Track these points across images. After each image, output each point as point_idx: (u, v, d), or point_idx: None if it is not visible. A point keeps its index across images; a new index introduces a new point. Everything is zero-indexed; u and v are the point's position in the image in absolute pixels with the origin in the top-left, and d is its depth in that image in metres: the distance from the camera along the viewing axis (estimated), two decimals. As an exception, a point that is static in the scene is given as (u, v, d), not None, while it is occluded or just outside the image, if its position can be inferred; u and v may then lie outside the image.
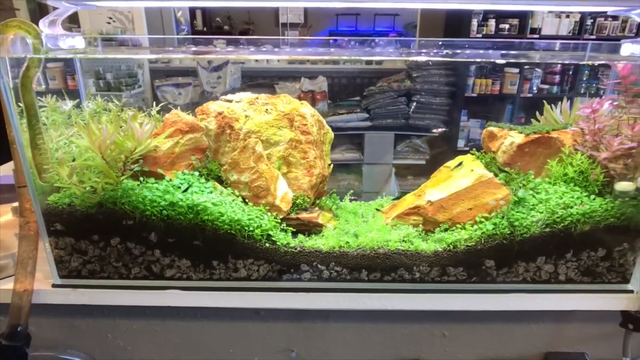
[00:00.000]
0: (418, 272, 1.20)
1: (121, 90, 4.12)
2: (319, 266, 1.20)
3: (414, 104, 3.94)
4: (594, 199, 1.16)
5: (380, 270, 1.21)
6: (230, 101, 1.23)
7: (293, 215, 1.20)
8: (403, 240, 1.20)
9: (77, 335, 1.39)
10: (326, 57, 1.15)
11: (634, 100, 1.14)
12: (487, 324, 1.37)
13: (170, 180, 1.14)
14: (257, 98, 1.22)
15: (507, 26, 4.88)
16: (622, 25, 5.08)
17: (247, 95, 1.24)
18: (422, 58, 1.11)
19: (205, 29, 9.03)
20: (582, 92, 4.58)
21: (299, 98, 4.01)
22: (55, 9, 1.16)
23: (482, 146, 1.37)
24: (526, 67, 4.45)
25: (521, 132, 1.23)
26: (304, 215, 1.20)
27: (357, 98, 4.17)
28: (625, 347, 1.26)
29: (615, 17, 5.04)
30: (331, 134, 1.30)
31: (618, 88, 1.15)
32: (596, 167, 1.16)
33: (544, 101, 1.35)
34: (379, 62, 4.45)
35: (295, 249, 1.18)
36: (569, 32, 4.72)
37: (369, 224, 1.27)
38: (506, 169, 1.24)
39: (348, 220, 1.30)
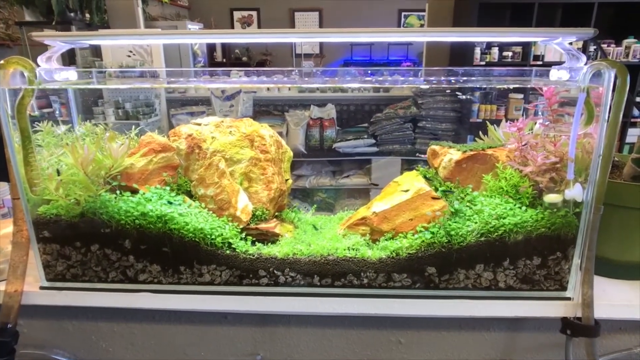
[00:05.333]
0: (365, 278, 1.31)
1: (139, 118, 4.39)
2: (275, 272, 1.32)
3: (420, 129, 4.01)
4: (526, 210, 1.26)
5: (330, 276, 1.32)
6: (199, 124, 1.40)
7: (252, 226, 1.33)
8: (351, 248, 1.31)
9: (64, 336, 1.53)
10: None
11: (558, 119, 1.25)
12: (441, 331, 1.46)
13: (144, 193, 1.30)
14: (222, 122, 1.38)
15: (510, 54, 5.00)
16: (625, 52, 5.16)
17: (213, 120, 1.40)
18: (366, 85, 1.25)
19: (224, 59, 9.49)
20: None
21: (308, 125, 4.23)
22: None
23: (428, 163, 1.49)
24: (530, 93, 4.54)
25: (459, 150, 1.35)
26: (262, 225, 1.34)
27: (365, 125, 4.28)
28: (567, 353, 1.32)
29: (618, 44, 5.13)
30: (289, 153, 1.45)
31: (544, 109, 1.26)
32: (525, 181, 1.26)
33: (487, 122, 1.46)
34: (386, 90, 4.60)
35: (253, 255, 1.31)
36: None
37: (323, 233, 1.39)
38: (447, 183, 1.36)
39: (306, 231, 1.43)
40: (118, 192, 1.30)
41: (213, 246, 1.30)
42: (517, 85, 1.21)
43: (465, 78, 1.32)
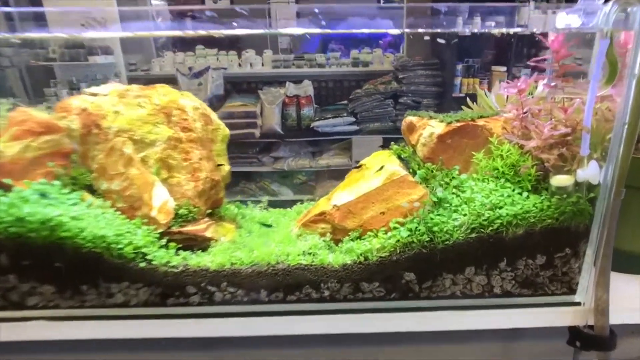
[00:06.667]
0: (327, 289, 1.02)
1: (96, 100, 3.92)
2: (209, 287, 1.01)
3: (402, 105, 3.80)
4: (528, 197, 0.98)
5: (282, 289, 1.02)
6: (95, 94, 1.04)
7: (175, 229, 1.01)
8: (307, 253, 1.01)
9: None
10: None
11: (569, 78, 0.96)
12: (425, 346, 1.19)
13: (21, 191, 0.95)
14: (128, 90, 1.03)
15: (493, 23, 4.74)
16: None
17: (115, 87, 1.05)
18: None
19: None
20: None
21: (284, 103, 3.90)
22: None
23: (404, 139, 1.19)
24: (515, 65, 4.33)
25: (442, 121, 1.05)
26: (189, 228, 1.02)
27: (344, 102, 4.05)
28: (575, 369, 1.08)
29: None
30: (224, 131, 1.12)
31: (550, 66, 0.97)
32: (528, 159, 0.98)
33: (477, 87, 1.17)
34: (366, 64, 4.35)
35: (177, 268, 0.99)
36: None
37: (272, 234, 1.08)
38: (427, 164, 1.06)
39: (252, 232, 1.12)
40: (-17, 190, 0.94)
41: (122, 258, 0.97)
42: (517, 30, 0.91)
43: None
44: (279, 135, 3.69)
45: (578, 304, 1.05)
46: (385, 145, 3.86)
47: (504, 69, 4.20)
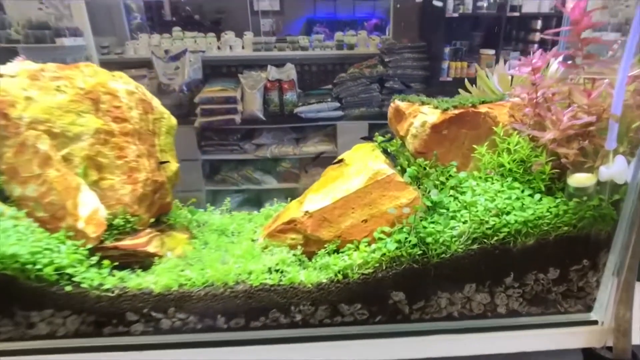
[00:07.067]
0: (298, 312, 0.85)
1: (67, 87, 3.68)
2: (154, 314, 0.82)
3: (388, 90, 3.64)
4: (540, 200, 0.81)
5: (243, 314, 0.84)
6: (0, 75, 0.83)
7: (109, 243, 0.82)
8: (274, 270, 0.83)
9: None
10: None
11: (591, 55, 0.78)
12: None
13: None
14: (43, 70, 0.82)
15: (485, 4, 4.53)
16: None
17: (24, 65, 0.83)
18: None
19: (174, 18, 8.41)
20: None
21: (266, 88, 3.68)
22: None
23: (391, 129, 1.00)
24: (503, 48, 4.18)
25: (437, 107, 0.87)
26: (126, 242, 0.82)
27: (328, 86, 3.88)
28: (590, 397, 0.93)
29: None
30: (170, 120, 0.91)
31: (568, 39, 0.79)
32: (541, 154, 0.80)
33: (477, 66, 0.99)
34: (350, 47, 4.18)
35: (113, 292, 0.80)
36: (551, 10, 4.41)
37: (233, 246, 0.89)
38: (419, 160, 0.88)
39: (208, 243, 0.93)
40: None
41: (42, 281, 0.78)
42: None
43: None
44: (261, 121, 3.51)
45: (594, 322, 0.90)
46: (371, 135, 3.70)
47: (492, 52, 4.04)
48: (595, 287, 0.88)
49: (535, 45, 4.10)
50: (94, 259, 0.81)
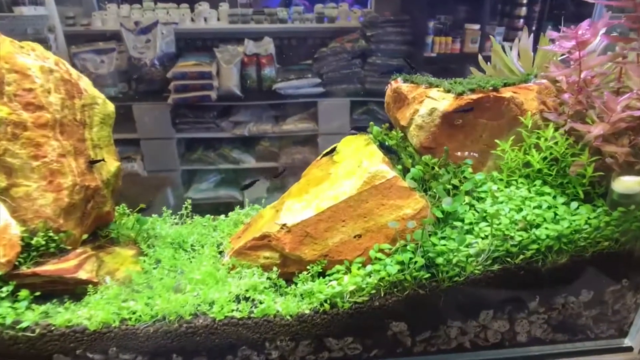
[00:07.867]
0: (275, 349, 0.68)
1: (28, 59, 3.38)
2: (90, 355, 0.64)
3: (370, 66, 3.46)
4: (577, 209, 0.65)
5: (205, 352, 0.66)
6: None
7: (26, 269, 0.62)
8: (243, 298, 0.65)
9: None
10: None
11: (649, 24, 0.61)
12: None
13: None
14: None
15: None
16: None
17: None
18: None
19: None
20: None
21: (243, 63, 3.45)
22: None
23: (389, 117, 0.82)
24: (488, 23, 4.02)
25: (449, 91, 0.68)
26: (48, 267, 0.63)
27: (308, 62, 3.68)
28: None
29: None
30: (107, 107, 0.71)
31: (621, 4, 0.61)
32: (583, 154, 0.63)
33: (491, 36, 0.81)
34: (332, 20, 3.95)
35: (34, 331, 0.61)
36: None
37: (192, 265, 0.71)
38: (425, 156, 0.70)
39: (160, 261, 0.74)
40: None
41: None
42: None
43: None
44: (238, 98, 3.31)
45: (629, 349, 0.76)
46: (354, 111, 3.52)
47: (478, 26, 3.89)
48: (632, 310, 0.74)
49: (521, 20, 3.96)
50: (7, 289, 0.62)
